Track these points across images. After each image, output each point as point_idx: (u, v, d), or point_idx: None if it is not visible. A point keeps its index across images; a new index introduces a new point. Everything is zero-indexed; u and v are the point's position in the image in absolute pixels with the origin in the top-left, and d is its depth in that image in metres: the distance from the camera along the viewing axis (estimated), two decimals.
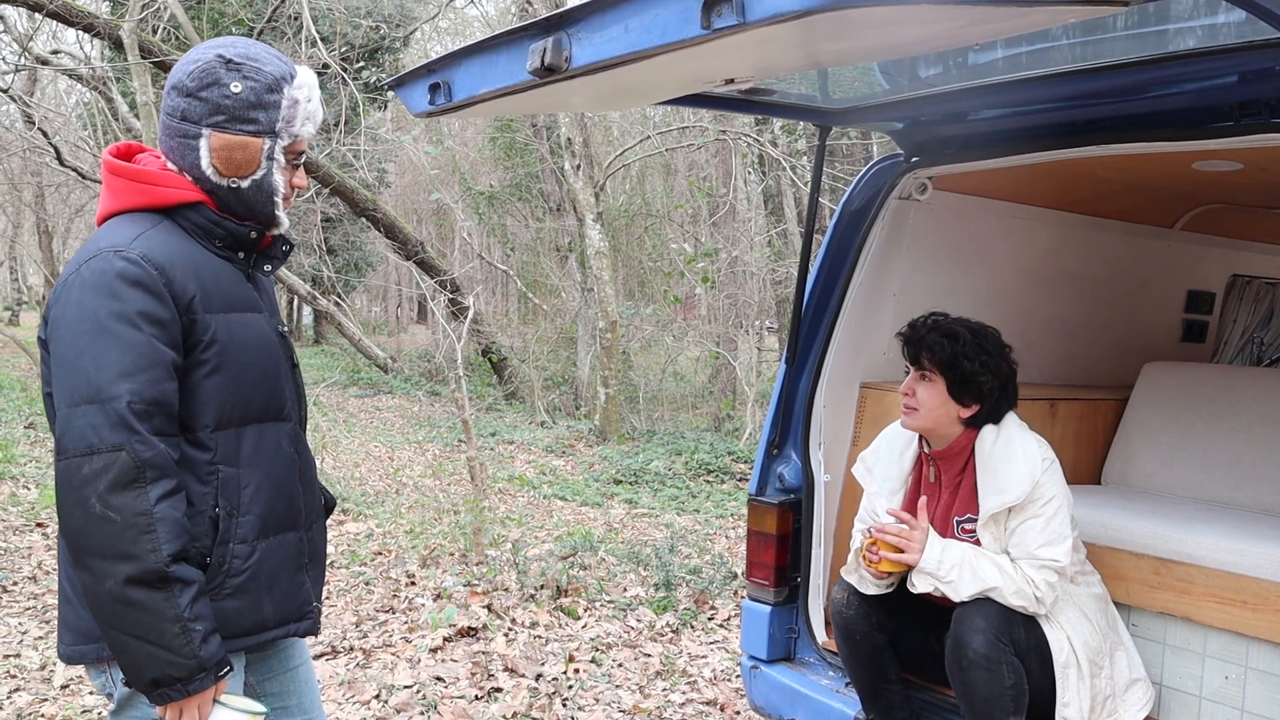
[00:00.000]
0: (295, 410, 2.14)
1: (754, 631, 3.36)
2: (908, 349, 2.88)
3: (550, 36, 1.98)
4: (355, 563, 6.35)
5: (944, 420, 2.81)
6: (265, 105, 1.95)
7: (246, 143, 1.95)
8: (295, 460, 2.09)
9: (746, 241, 14.72)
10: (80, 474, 1.74)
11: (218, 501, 1.91)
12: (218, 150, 1.93)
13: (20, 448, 9.17)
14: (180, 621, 1.78)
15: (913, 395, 2.83)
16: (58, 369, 1.81)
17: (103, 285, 1.80)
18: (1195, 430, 3.55)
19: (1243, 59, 2.38)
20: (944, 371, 2.79)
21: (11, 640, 4.79)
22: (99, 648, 1.89)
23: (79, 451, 1.74)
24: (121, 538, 1.73)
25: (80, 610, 1.90)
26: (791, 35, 1.78)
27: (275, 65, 1.97)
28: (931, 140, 3.26)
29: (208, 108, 1.92)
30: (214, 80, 1.92)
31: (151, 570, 1.75)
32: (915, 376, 2.84)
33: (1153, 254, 4.38)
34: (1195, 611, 2.82)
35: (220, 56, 1.93)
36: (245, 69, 1.93)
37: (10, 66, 14.35)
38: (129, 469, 1.74)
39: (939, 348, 2.80)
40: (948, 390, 2.79)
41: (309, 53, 11.41)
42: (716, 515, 8.36)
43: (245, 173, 1.97)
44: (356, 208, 14.41)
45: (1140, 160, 3.12)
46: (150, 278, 1.82)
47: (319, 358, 21.53)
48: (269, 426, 2.02)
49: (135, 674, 1.80)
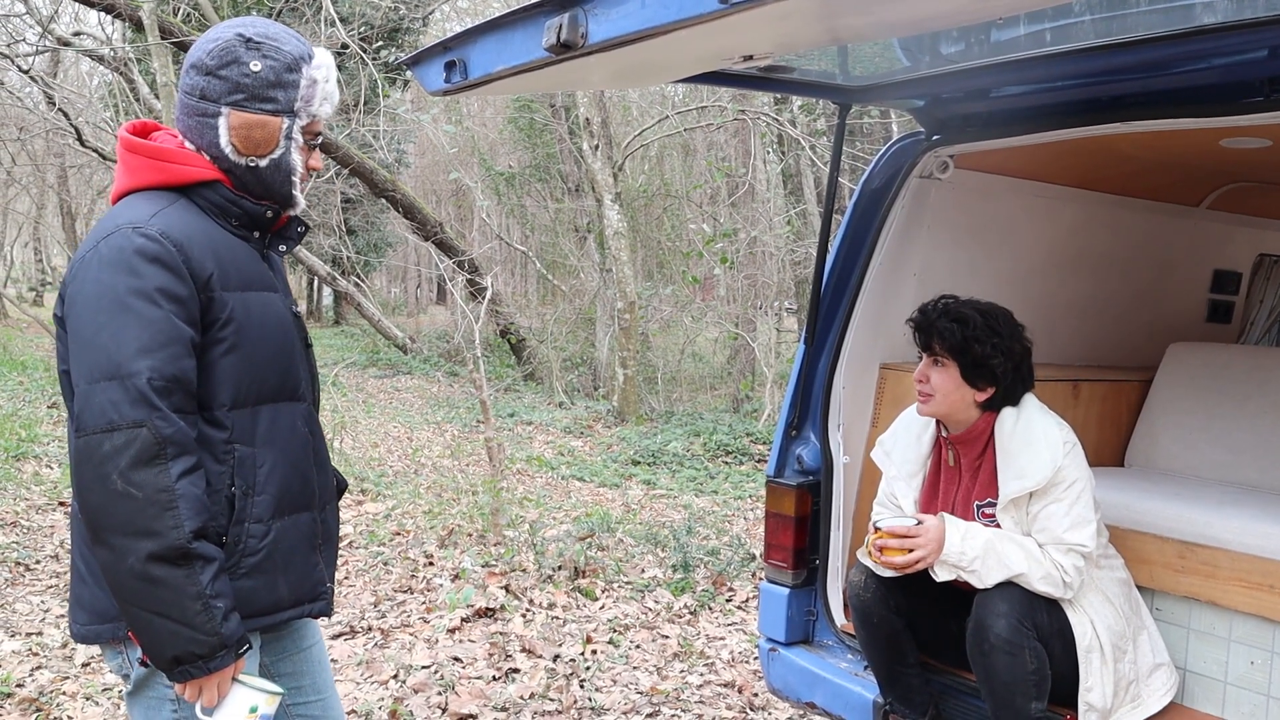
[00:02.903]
0: (309, 391, 2.13)
1: (772, 614, 3.35)
2: (919, 335, 2.84)
3: (566, 13, 1.95)
4: (374, 543, 6.37)
5: (960, 405, 2.78)
6: (284, 84, 1.94)
7: (265, 121, 1.94)
8: (309, 440, 2.09)
9: (765, 222, 14.64)
10: (101, 450, 1.73)
11: (234, 481, 1.91)
12: (236, 129, 1.93)
13: (43, 427, 9.25)
14: (202, 598, 1.78)
15: (926, 381, 2.80)
16: (76, 346, 1.80)
17: (121, 261, 1.79)
18: (1221, 412, 3.50)
19: (1273, 33, 2.33)
20: (956, 356, 2.75)
21: (34, 618, 4.83)
22: (114, 627, 1.89)
23: (99, 428, 1.73)
24: (143, 514, 1.73)
25: (95, 590, 1.90)
26: (810, 9, 1.75)
27: (294, 45, 1.96)
28: (953, 118, 3.21)
29: (227, 86, 1.92)
30: (234, 59, 1.91)
31: (174, 547, 1.74)
32: (928, 362, 2.81)
33: (1178, 233, 4.32)
34: (1221, 596, 2.78)
35: (240, 35, 1.93)
36: (265, 48, 1.93)
37: (32, 48, 14.39)
38: (150, 445, 1.73)
39: (949, 333, 2.76)
40: (961, 375, 2.75)
41: (328, 33, 11.40)
42: (735, 496, 8.35)
43: (263, 151, 1.96)
44: (376, 188, 14.42)
45: (1166, 137, 3.07)
46: (169, 254, 1.81)
47: (339, 338, 21.63)
48: (284, 406, 2.02)
49: (156, 651, 1.80)
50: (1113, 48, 2.57)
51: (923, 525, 2.66)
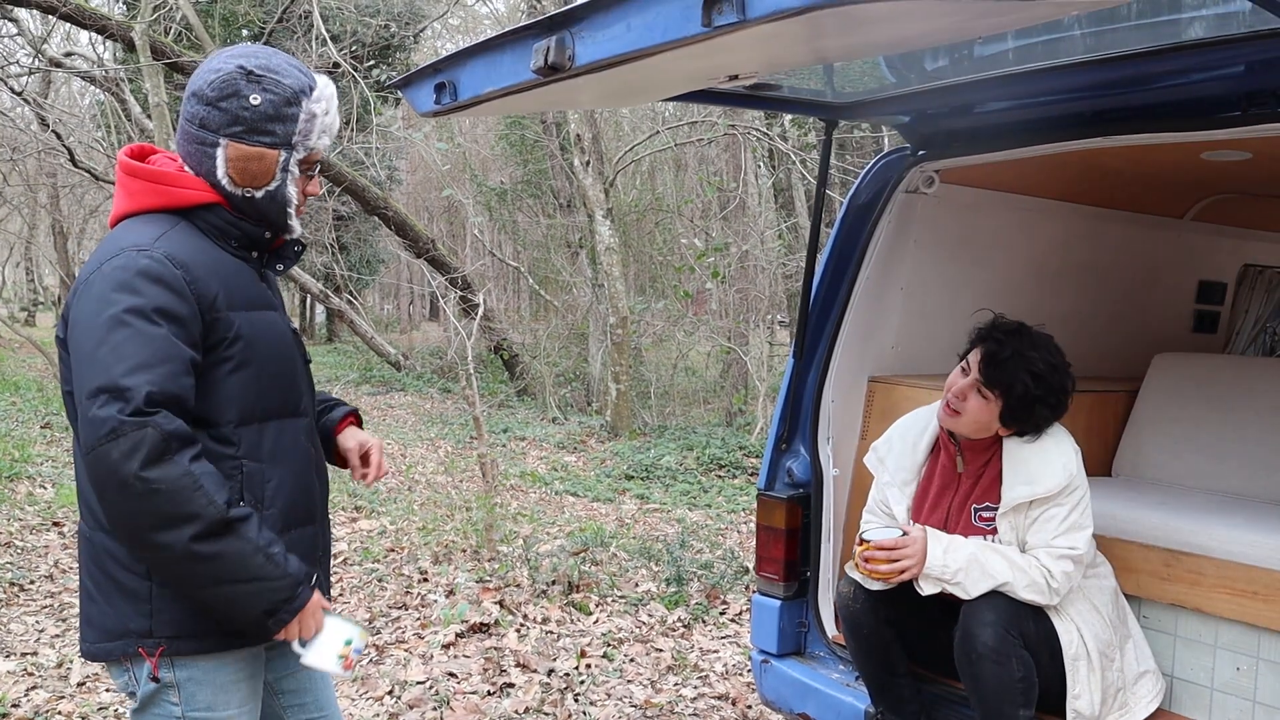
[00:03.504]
0: (310, 406, 2.17)
1: (764, 626, 3.37)
2: (984, 366, 2.71)
3: (553, 35, 1.99)
4: (368, 559, 6.38)
5: (982, 430, 2.79)
6: (283, 118, 1.96)
7: (263, 154, 1.96)
8: (311, 454, 2.13)
9: (757, 236, 14.69)
10: (111, 458, 1.75)
11: (243, 496, 1.94)
12: (234, 160, 1.95)
13: (37, 447, 9.23)
14: (261, 551, 1.85)
15: (963, 400, 2.74)
16: (77, 364, 1.83)
17: (124, 282, 1.82)
18: (1207, 421, 3.53)
19: (1250, 49, 2.37)
20: (1009, 402, 2.70)
21: (29, 638, 4.83)
22: (124, 644, 1.92)
23: (104, 438, 1.75)
24: (175, 504, 1.76)
25: (104, 607, 1.93)
26: (794, 31, 1.79)
27: (295, 78, 1.98)
28: (938, 133, 3.25)
29: (226, 118, 1.94)
30: (234, 91, 1.93)
31: (215, 521, 1.79)
32: (973, 386, 2.73)
33: (1163, 244, 4.36)
34: (1206, 603, 2.81)
35: (241, 68, 1.94)
36: (265, 81, 1.94)
37: (24, 69, 14.42)
38: (158, 442, 1.76)
39: (1020, 385, 2.68)
40: (1000, 414, 2.73)
41: (319, 51, 11.45)
42: (728, 510, 8.37)
43: (260, 184, 1.98)
44: (368, 206, 14.45)
45: (1149, 151, 3.11)
46: (173, 276, 1.84)
47: (332, 355, 21.61)
48: (288, 422, 2.05)
49: (245, 616, 1.87)
50: (1094, 64, 2.61)
51: (908, 537, 2.69)
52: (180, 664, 1.93)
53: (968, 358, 2.81)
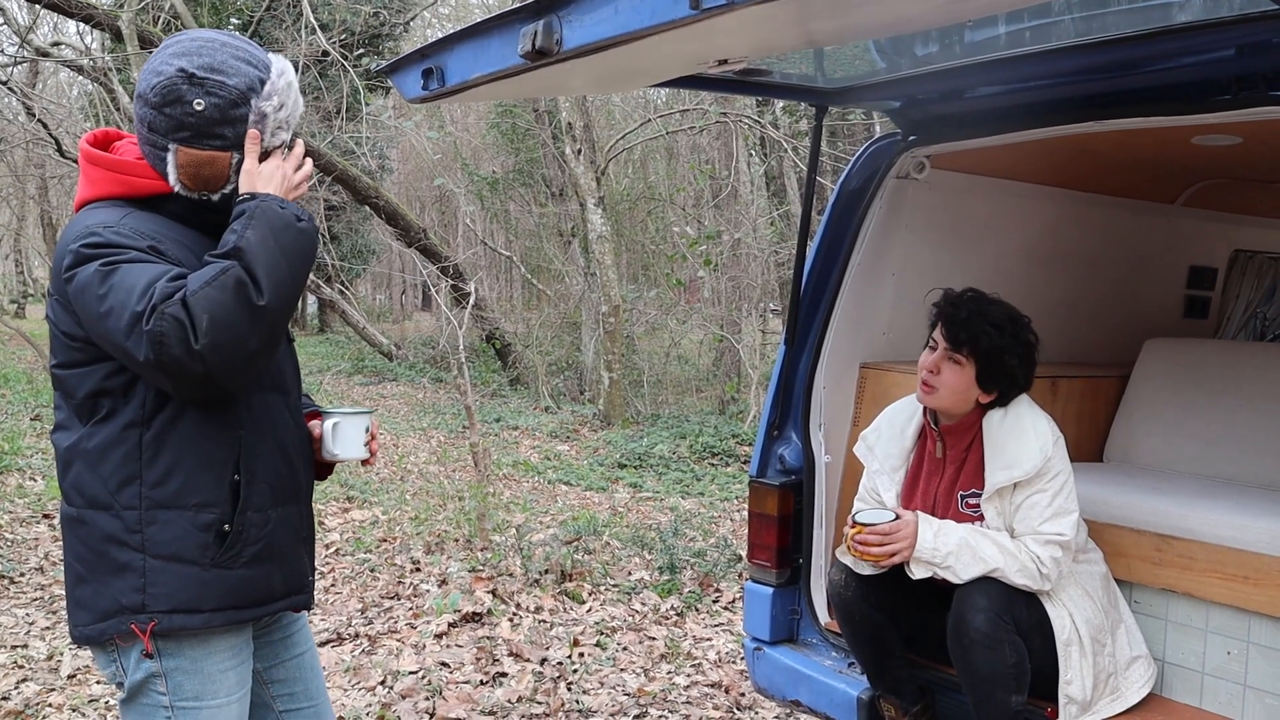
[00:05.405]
0: (295, 385, 2.15)
1: (756, 613, 3.37)
2: (947, 329, 2.77)
3: (541, 19, 1.97)
4: (360, 549, 6.37)
5: (962, 402, 2.79)
6: (231, 120, 1.89)
7: (214, 158, 1.91)
8: (296, 432, 2.11)
9: (749, 224, 14.68)
10: (181, 357, 1.74)
11: (238, 468, 1.93)
12: (184, 166, 1.90)
13: (27, 439, 9.19)
14: (281, 218, 1.87)
15: (936, 374, 2.76)
16: (98, 327, 1.80)
17: (98, 244, 1.81)
18: (1197, 406, 3.54)
19: (1239, 32, 2.37)
20: (980, 360, 2.73)
21: (19, 631, 4.82)
22: (117, 622, 1.89)
23: (160, 352, 1.73)
24: (232, 299, 1.77)
25: (96, 586, 1.90)
26: (782, 14, 1.78)
27: (241, 77, 1.89)
28: (929, 118, 3.24)
29: (171, 124, 1.88)
30: (177, 97, 1.86)
31: (241, 279, 1.79)
32: (943, 356, 2.76)
33: (1154, 230, 4.36)
34: (1197, 587, 2.81)
35: (182, 71, 1.86)
36: (209, 84, 1.86)
37: (11, 59, 14.31)
38: (182, 312, 1.74)
39: (984, 338, 2.71)
40: (976, 377, 2.75)
41: (309, 40, 11.38)
42: (721, 498, 8.37)
43: (215, 187, 1.94)
44: (358, 195, 14.40)
45: (1139, 135, 3.10)
46: (144, 247, 1.83)
47: (324, 346, 21.55)
48: (272, 397, 2.04)
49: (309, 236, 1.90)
50: (1084, 48, 2.61)
51: (900, 521, 2.68)
52: (168, 653, 1.91)
53: (932, 335, 2.84)
